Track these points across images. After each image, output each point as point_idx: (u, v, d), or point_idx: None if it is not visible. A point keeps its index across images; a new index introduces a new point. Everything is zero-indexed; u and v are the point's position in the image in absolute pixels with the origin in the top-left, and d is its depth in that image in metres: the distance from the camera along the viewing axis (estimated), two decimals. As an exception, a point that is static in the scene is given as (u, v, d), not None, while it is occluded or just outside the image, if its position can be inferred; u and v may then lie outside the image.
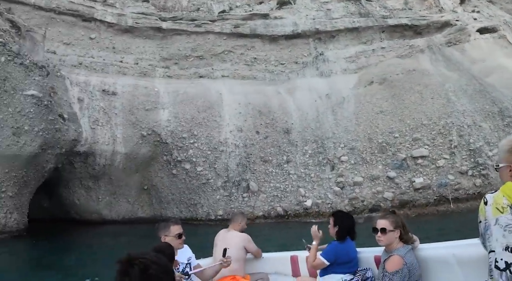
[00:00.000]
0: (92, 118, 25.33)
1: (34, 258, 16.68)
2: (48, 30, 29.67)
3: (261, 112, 27.61)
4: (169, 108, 27.21)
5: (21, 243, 19.24)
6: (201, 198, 24.89)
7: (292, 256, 5.71)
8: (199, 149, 25.49)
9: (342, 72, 31.54)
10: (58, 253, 16.80)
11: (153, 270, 1.77)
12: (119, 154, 25.07)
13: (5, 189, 19.43)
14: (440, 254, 4.02)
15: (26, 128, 20.12)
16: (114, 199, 25.60)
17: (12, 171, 19.66)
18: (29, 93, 20.91)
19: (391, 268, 3.64)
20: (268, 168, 25.52)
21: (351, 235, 4.84)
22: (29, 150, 19.97)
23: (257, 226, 22.86)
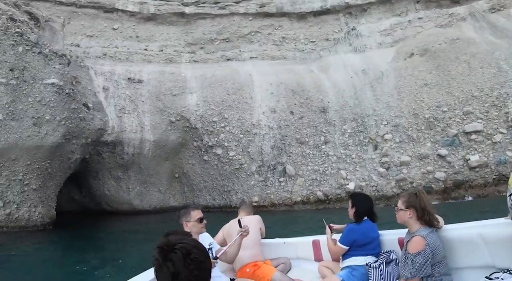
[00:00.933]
0: (118, 106, 23.44)
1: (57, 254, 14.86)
2: (70, 24, 28.67)
3: (294, 91, 25.19)
4: (197, 92, 25.09)
5: (45, 237, 17.55)
6: (235, 184, 22.77)
7: (314, 241, 5.41)
8: (231, 133, 23.30)
9: (377, 47, 28.72)
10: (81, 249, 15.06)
11: (195, 254, 1.75)
12: (148, 142, 23.12)
13: (28, 182, 17.72)
14: (466, 234, 3.79)
15: (48, 117, 18.30)
16: (145, 188, 23.73)
17: (35, 163, 17.92)
18: (49, 82, 19.07)
19: (413, 249, 3.47)
20: (305, 150, 23.16)
21: (371, 217, 4.63)
22: (51, 140, 18.17)
23: (296, 212, 20.71)
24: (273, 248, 5.57)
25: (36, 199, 18.01)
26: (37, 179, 18.07)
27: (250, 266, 4.91)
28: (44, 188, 18.56)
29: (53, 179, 19.21)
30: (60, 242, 17.23)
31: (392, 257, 4.30)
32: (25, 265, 12.42)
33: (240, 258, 4.85)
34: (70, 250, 15.29)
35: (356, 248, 4.51)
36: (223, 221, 5.54)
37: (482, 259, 3.61)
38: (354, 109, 24.22)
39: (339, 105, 24.57)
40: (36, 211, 17.85)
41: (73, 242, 16.60)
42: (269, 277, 4.73)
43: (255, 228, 5.24)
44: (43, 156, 18.10)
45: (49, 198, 19.07)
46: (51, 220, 18.94)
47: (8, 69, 18.68)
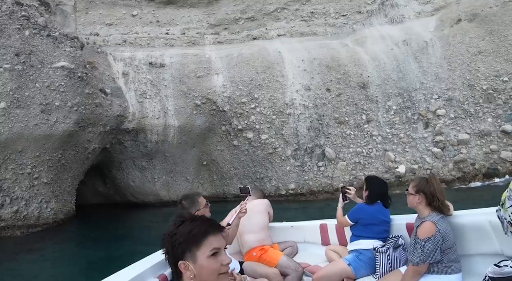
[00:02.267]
0: (139, 91, 20.58)
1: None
2: (88, 14, 26.58)
3: (329, 67, 21.79)
4: (223, 73, 21.98)
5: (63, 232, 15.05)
6: (269, 171, 19.69)
7: (322, 224, 5.10)
8: (262, 114, 20.16)
9: (416, 16, 24.94)
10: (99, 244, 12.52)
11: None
12: (172, 127, 20.22)
13: (37, 175, 15.07)
14: (476, 221, 3.59)
15: (57, 103, 15.57)
16: (171, 178, 20.90)
17: (45, 154, 15.25)
18: (59, 65, 16.29)
19: (423, 235, 3.28)
20: (345, 131, 19.86)
21: (384, 201, 4.37)
22: (62, 128, 15.45)
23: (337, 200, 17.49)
24: (281, 231, 5.33)
25: (48, 194, 15.38)
26: (48, 172, 15.42)
27: (257, 250, 4.62)
28: (57, 181, 15.91)
29: (68, 171, 16.53)
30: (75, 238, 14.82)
31: (400, 242, 4.02)
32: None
33: (247, 242, 4.67)
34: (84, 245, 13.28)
35: (362, 227, 4.27)
36: None
37: (491, 247, 3.43)
38: (399, 83, 20.72)
39: (380, 80, 21.09)
40: (48, 207, 15.23)
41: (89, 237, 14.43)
42: (276, 261, 4.41)
43: (264, 212, 4.96)
44: (54, 146, 15.41)
45: (65, 192, 16.43)
46: (67, 216, 16.35)
47: (13, 54, 15.95)
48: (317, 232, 5.13)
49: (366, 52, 22.74)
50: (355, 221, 4.38)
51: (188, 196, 4.14)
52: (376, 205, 4.34)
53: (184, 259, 1.81)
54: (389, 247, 3.97)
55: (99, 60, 20.93)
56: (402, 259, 3.90)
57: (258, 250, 4.61)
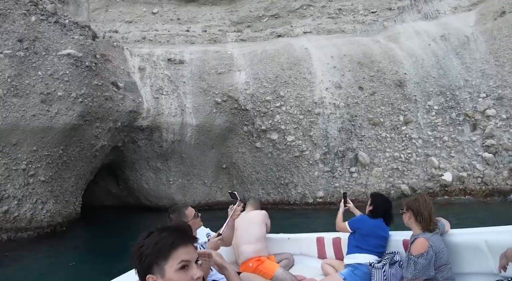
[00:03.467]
0: (155, 87, 18.19)
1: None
2: (108, 11, 24.69)
3: (362, 63, 19.07)
4: (246, 70, 19.45)
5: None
6: (294, 176, 17.06)
7: (319, 238, 4.90)
8: (289, 114, 17.55)
9: (452, 11, 22.07)
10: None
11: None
12: (190, 126, 17.78)
13: (33, 172, 12.76)
14: (472, 240, 3.45)
15: (60, 93, 13.26)
16: (188, 181, 18.44)
17: (43, 149, 12.93)
18: (65, 52, 13.99)
19: (416, 251, 3.18)
20: (381, 133, 17.12)
21: (386, 219, 4.22)
22: (63, 120, 13.12)
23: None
24: (278, 243, 5.09)
25: (46, 194, 13.04)
26: (46, 169, 13.08)
27: (253, 261, 4.46)
28: (58, 180, 13.57)
29: (72, 170, 14.19)
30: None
31: (396, 259, 3.89)
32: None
33: (244, 252, 4.52)
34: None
35: (360, 237, 4.11)
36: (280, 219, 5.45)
37: (486, 266, 3.27)
38: (440, 81, 17.89)
39: (419, 77, 18.29)
40: (44, 208, 12.88)
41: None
42: (272, 273, 4.25)
43: (261, 223, 4.78)
44: (54, 141, 13.07)
45: (67, 192, 14.09)
46: (68, 219, 14.02)
47: (16, 39, 13.75)
48: (313, 245, 4.91)
49: (401, 48, 19.95)
50: (354, 230, 4.25)
51: (175, 209, 3.80)
52: (377, 220, 4.16)
53: (152, 272, 1.64)
54: (385, 263, 3.81)
55: (114, 54, 18.61)
56: (398, 276, 3.74)
57: (255, 261, 4.43)
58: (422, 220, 3.33)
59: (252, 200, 5.42)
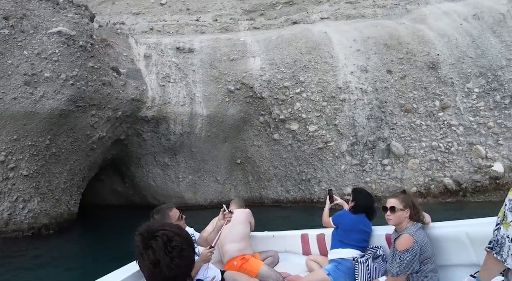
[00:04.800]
0: (162, 74, 15.77)
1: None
2: (115, 4, 22.68)
3: (388, 45, 16.41)
4: (260, 56, 16.92)
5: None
6: (318, 171, 14.50)
7: (303, 234, 4.75)
8: (310, 101, 14.98)
9: (481, -8, 19.30)
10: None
11: (177, 241, 1.43)
12: (200, 117, 15.33)
13: (14, 165, 10.47)
14: (453, 232, 3.39)
15: (47, 74, 10.92)
16: (199, 178, 15.97)
17: (26, 138, 10.61)
18: (55, 30, 11.64)
19: (401, 247, 3.08)
20: (414, 120, 14.48)
21: (368, 214, 4.12)
22: (50, 105, 10.77)
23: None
24: (262, 241, 4.92)
25: (29, 191, 10.71)
26: (30, 162, 10.73)
27: (238, 259, 4.28)
28: (45, 175, 11.21)
29: (63, 164, 11.81)
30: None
31: (379, 253, 3.80)
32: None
33: (229, 251, 4.35)
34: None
35: (342, 232, 4.00)
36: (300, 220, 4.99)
37: (468, 258, 3.24)
38: (478, 61, 15.18)
39: (454, 58, 15.59)
40: (26, 208, 10.53)
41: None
42: (257, 271, 4.09)
43: (245, 221, 4.60)
44: (39, 129, 10.72)
45: (57, 189, 11.72)
46: (58, 221, 11.65)
47: (1, 17, 11.43)
48: (298, 242, 4.74)
49: (430, 29, 17.23)
50: (337, 225, 4.15)
51: (159, 209, 3.59)
52: (359, 215, 4.05)
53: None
54: (368, 257, 3.72)
55: (118, 41, 16.23)
56: (381, 270, 3.66)
57: (239, 259, 4.26)
58: (419, 215, 3.25)
59: (236, 199, 5.25)
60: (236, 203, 4.98)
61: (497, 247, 2.01)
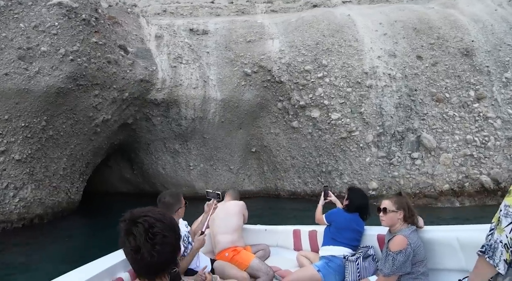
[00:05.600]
0: (173, 55, 14.29)
1: None
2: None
3: (418, 30, 14.75)
4: (279, 38, 15.34)
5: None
6: (340, 162, 13.05)
7: (295, 230, 4.62)
8: (333, 86, 13.45)
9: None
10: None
11: (158, 228, 1.36)
12: (214, 101, 13.88)
13: (4, 147, 9.15)
14: (444, 237, 3.30)
15: (44, 49, 9.50)
16: (211, 166, 14.60)
17: (18, 119, 9.25)
18: (55, 2, 10.13)
19: (394, 248, 2.99)
20: (447, 111, 12.92)
21: (362, 214, 3.94)
22: (46, 82, 9.37)
23: (445, 211, 10.88)
24: (254, 234, 4.78)
25: (22, 177, 9.37)
26: (24, 145, 9.38)
27: (229, 251, 4.11)
28: (41, 160, 9.86)
29: (62, 148, 10.47)
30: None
31: (370, 253, 3.70)
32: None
33: (220, 242, 4.18)
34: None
35: (335, 230, 3.88)
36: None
37: (457, 262, 3.18)
38: (518, 49, 13.55)
39: (490, 45, 13.93)
40: (17, 196, 9.18)
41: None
42: (248, 263, 3.95)
43: (238, 213, 4.39)
44: (34, 109, 9.34)
45: (56, 176, 10.38)
46: (56, 210, 10.32)
47: (-2, -14, 9.93)
48: (290, 237, 4.62)
49: (462, 14, 15.53)
50: (330, 223, 4.03)
51: (172, 192, 3.46)
52: (353, 214, 3.91)
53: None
54: (359, 256, 3.62)
55: (127, 20, 14.75)
56: (371, 269, 3.58)
57: (231, 251, 4.11)
58: (414, 218, 3.17)
59: (231, 191, 4.85)
60: (231, 195, 4.73)
61: (490, 251, 1.97)
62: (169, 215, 1.48)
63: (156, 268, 1.38)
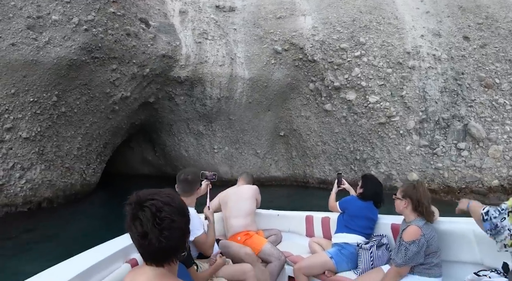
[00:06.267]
0: (198, 30, 13.04)
1: None
2: None
3: (464, 8, 13.14)
4: (312, 14, 13.89)
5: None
6: (376, 150, 11.78)
7: (308, 216, 4.46)
8: (372, 66, 12.06)
9: None
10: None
11: (166, 212, 1.26)
12: (241, 80, 12.68)
13: (10, 124, 8.16)
14: (460, 229, 3.14)
15: (56, 17, 8.38)
16: (236, 150, 13.51)
17: (26, 93, 8.21)
18: (71, -34, 8.93)
19: (408, 238, 2.86)
20: (497, 98, 11.44)
21: (376, 202, 3.75)
22: (57, 53, 8.29)
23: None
24: (267, 219, 4.62)
25: (30, 157, 8.39)
26: (33, 122, 8.37)
27: (242, 235, 3.97)
28: (52, 138, 8.84)
29: (76, 126, 9.44)
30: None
31: (383, 241, 3.54)
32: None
33: (233, 226, 4.05)
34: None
35: (348, 218, 3.72)
36: None
37: (472, 256, 3.07)
38: None
39: (547, 26, 12.30)
40: (24, 177, 8.18)
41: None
42: (260, 248, 3.81)
43: (251, 198, 4.23)
44: (44, 82, 8.28)
45: (68, 156, 9.37)
46: (67, 193, 9.31)
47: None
48: (302, 223, 4.47)
49: (513, -8, 13.84)
50: (343, 210, 3.88)
51: (192, 170, 3.32)
52: (366, 202, 3.74)
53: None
54: (372, 244, 3.49)
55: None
56: (384, 258, 3.43)
57: (243, 235, 3.97)
58: (423, 210, 2.95)
59: (244, 174, 4.63)
60: (244, 179, 4.53)
61: (494, 231, 2.07)
62: (178, 197, 1.35)
63: (164, 254, 1.28)
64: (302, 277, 3.49)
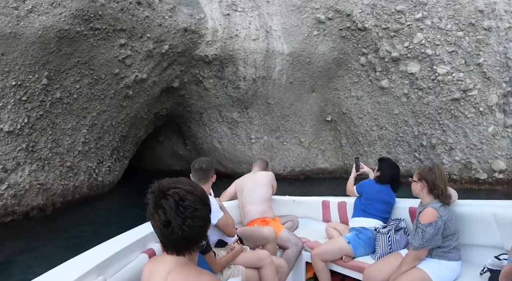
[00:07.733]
0: (226, 2, 11.65)
1: None
2: None
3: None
4: (357, -23, 12.12)
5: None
6: (449, 133, 10.02)
7: (324, 201, 4.48)
8: (438, 30, 10.18)
9: None
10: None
11: (189, 201, 1.30)
12: (279, 56, 11.20)
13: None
14: (479, 212, 3.10)
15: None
16: (277, 139, 12.12)
17: (7, 75, 7.04)
18: None
19: (425, 220, 2.86)
20: None
21: (393, 185, 3.73)
22: (42, 23, 7.09)
23: None
24: (283, 205, 4.69)
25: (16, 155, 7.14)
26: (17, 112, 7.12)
27: (258, 222, 4.05)
28: (46, 131, 7.64)
29: (80, 116, 8.33)
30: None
31: (401, 225, 3.55)
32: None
33: (249, 213, 4.11)
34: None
35: (365, 201, 3.72)
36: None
37: (492, 239, 3.02)
38: None
39: None
40: (6, 181, 6.90)
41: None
42: (277, 234, 3.85)
43: (267, 184, 4.26)
44: (28, 61, 7.09)
45: (70, 152, 8.15)
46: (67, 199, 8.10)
47: None
48: (318, 209, 4.52)
49: None
50: (360, 194, 3.87)
51: (206, 159, 3.34)
52: (384, 186, 3.72)
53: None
54: (390, 229, 3.49)
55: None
56: (402, 242, 3.45)
57: (260, 222, 4.05)
58: (439, 193, 2.95)
59: (259, 161, 4.65)
60: (259, 165, 4.45)
61: None
62: (200, 186, 1.38)
63: (186, 243, 1.32)
64: (320, 262, 3.51)
